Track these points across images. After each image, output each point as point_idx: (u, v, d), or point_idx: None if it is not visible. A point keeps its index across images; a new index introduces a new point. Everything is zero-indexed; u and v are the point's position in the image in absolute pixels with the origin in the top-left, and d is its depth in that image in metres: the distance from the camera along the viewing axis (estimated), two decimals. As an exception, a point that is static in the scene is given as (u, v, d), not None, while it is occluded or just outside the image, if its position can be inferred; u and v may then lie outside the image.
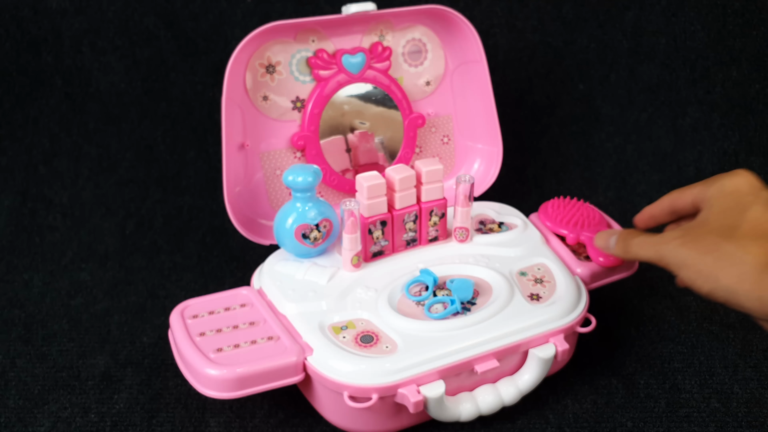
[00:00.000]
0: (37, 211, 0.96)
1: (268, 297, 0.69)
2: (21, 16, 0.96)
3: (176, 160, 1.00)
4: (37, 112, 0.99)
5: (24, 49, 0.97)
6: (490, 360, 0.63)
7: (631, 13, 1.02)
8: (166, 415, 0.67)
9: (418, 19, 0.80)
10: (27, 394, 0.70)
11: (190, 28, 0.97)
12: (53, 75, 0.98)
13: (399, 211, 0.72)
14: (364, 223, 0.71)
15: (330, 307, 0.67)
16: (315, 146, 0.78)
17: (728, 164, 1.01)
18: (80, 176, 0.99)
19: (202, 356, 0.61)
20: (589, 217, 0.77)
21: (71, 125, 0.99)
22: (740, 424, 0.67)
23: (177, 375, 0.70)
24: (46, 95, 0.98)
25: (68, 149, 0.99)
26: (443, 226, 0.75)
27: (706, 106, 1.04)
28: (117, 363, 0.73)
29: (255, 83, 0.75)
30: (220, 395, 0.60)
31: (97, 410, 0.68)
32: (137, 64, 0.98)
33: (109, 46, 0.97)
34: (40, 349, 0.75)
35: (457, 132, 0.86)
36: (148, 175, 0.99)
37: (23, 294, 0.84)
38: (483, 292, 0.69)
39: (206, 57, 0.98)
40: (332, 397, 0.62)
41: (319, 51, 0.76)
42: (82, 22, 0.96)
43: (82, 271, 0.87)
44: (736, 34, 1.02)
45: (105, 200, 0.97)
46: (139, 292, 0.84)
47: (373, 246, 0.72)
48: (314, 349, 0.62)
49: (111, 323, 0.79)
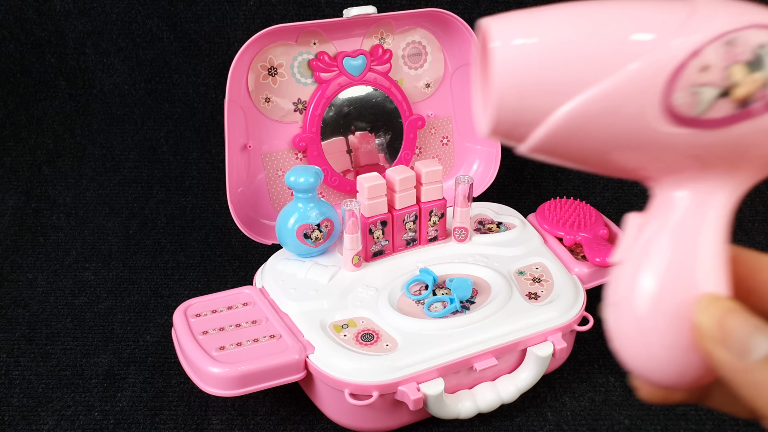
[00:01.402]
0: (41, 211, 0.96)
1: (270, 296, 0.70)
2: (25, 17, 0.96)
3: (179, 161, 1.00)
4: (41, 113, 0.99)
5: (28, 51, 0.97)
6: (489, 358, 0.64)
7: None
8: (169, 412, 0.68)
9: (417, 22, 0.80)
10: (31, 393, 0.70)
11: (192, 30, 0.98)
12: (57, 76, 0.98)
13: (399, 211, 0.73)
14: (365, 223, 0.72)
15: (331, 305, 0.67)
16: (316, 147, 0.78)
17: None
18: (84, 176, 0.99)
19: (204, 354, 0.62)
20: (586, 218, 0.78)
21: (75, 126, 0.99)
22: (737, 422, 0.67)
23: (180, 373, 0.70)
24: (49, 96, 0.98)
25: (72, 149, 0.99)
26: (443, 226, 0.76)
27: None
28: (120, 361, 0.74)
29: (257, 85, 0.75)
30: (223, 393, 0.60)
31: (101, 408, 0.68)
32: (140, 66, 0.98)
33: (112, 48, 0.97)
34: (44, 347, 0.76)
35: (456, 133, 0.86)
36: (151, 176, 0.99)
37: (27, 293, 0.84)
38: (482, 291, 0.70)
39: (209, 59, 0.99)
40: (333, 394, 0.62)
41: (321, 53, 0.77)
42: (85, 24, 0.97)
43: (86, 270, 0.87)
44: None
45: (108, 200, 0.97)
46: (142, 291, 0.84)
47: (373, 246, 0.73)
48: (315, 347, 0.63)
49: (114, 322, 0.79)
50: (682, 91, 0.26)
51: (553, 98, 0.27)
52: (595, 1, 0.28)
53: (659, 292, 0.28)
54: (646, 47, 0.26)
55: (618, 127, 0.26)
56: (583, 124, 0.27)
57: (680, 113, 0.26)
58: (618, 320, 0.29)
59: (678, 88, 0.26)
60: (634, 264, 0.28)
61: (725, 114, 0.26)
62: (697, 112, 0.26)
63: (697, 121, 0.26)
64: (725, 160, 0.27)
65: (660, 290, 0.28)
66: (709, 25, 0.26)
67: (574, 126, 0.27)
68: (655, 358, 0.28)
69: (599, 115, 0.26)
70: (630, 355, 0.29)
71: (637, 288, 0.28)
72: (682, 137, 0.27)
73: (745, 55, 0.26)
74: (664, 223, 0.28)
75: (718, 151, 0.27)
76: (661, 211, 0.29)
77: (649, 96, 0.26)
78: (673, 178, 0.28)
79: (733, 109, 0.26)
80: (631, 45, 0.26)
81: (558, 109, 0.27)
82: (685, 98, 0.26)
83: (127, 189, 0.98)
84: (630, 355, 0.29)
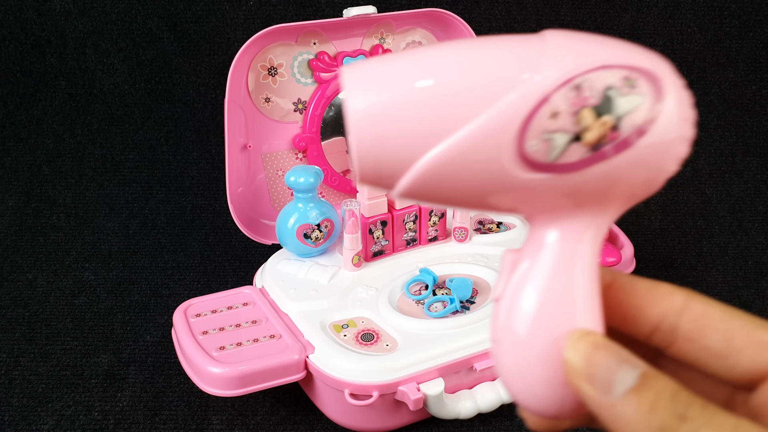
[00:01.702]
0: (41, 211, 0.96)
1: (270, 296, 0.70)
2: (25, 17, 0.96)
3: (179, 161, 1.00)
4: (41, 113, 0.99)
5: (28, 51, 0.97)
6: (489, 358, 0.64)
7: (629, 15, 1.03)
8: (169, 412, 0.68)
9: (418, 22, 0.80)
10: (31, 393, 0.70)
11: (192, 30, 0.97)
12: (57, 76, 0.98)
13: (399, 211, 0.73)
14: (365, 223, 0.72)
15: (331, 305, 0.67)
16: (316, 147, 0.78)
17: (725, 165, 1.02)
18: (84, 176, 0.99)
19: (204, 354, 0.62)
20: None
21: (75, 126, 0.99)
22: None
23: (180, 373, 0.70)
24: (50, 96, 0.98)
25: (72, 150, 0.99)
26: (443, 226, 0.76)
27: (703, 107, 1.04)
28: (120, 361, 0.74)
29: (257, 85, 0.75)
30: (223, 393, 0.60)
31: (101, 408, 0.68)
32: (141, 66, 0.98)
33: (112, 48, 0.97)
34: (44, 347, 0.75)
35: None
36: (151, 176, 0.99)
37: (27, 293, 0.84)
38: (482, 291, 0.70)
39: (209, 59, 0.99)
40: (333, 394, 0.62)
41: (321, 53, 0.77)
42: (85, 24, 0.97)
43: (86, 270, 0.87)
44: (732, 35, 1.02)
45: (109, 200, 0.97)
46: (142, 291, 0.84)
47: (373, 246, 0.73)
48: (315, 347, 0.63)
49: (114, 322, 0.79)
50: (534, 139, 0.26)
51: (410, 150, 0.27)
52: (450, 46, 0.28)
53: (531, 330, 0.28)
54: (497, 95, 0.26)
55: (479, 174, 0.27)
56: (444, 173, 0.27)
57: (534, 160, 0.26)
58: (499, 356, 0.29)
59: (530, 137, 0.26)
60: (508, 302, 0.29)
61: (579, 158, 0.26)
62: (551, 159, 0.26)
63: (552, 166, 0.26)
64: (590, 198, 0.28)
65: (532, 328, 0.28)
66: (557, 70, 0.26)
67: (436, 175, 0.27)
68: (535, 392, 0.28)
69: (458, 164, 0.26)
70: (513, 389, 0.29)
71: (512, 326, 0.28)
72: (541, 182, 0.27)
73: (593, 99, 0.26)
74: (536, 260, 0.29)
75: (580, 191, 0.27)
76: (534, 248, 0.29)
77: (503, 145, 0.26)
78: (547, 217, 0.28)
79: (586, 153, 0.26)
80: (483, 94, 0.26)
81: (418, 159, 0.27)
82: (538, 145, 0.26)
83: (127, 189, 0.98)
84: (513, 389, 0.29)
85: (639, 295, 0.29)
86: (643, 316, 0.29)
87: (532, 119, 0.26)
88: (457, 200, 0.28)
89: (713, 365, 0.28)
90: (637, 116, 0.26)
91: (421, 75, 0.27)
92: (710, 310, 0.28)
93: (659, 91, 0.26)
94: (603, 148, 0.26)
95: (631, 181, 0.27)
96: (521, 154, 0.26)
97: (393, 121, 0.26)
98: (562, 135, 0.26)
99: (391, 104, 0.26)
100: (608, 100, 0.26)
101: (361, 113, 0.26)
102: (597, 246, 0.29)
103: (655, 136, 0.26)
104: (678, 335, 0.28)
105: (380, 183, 0.28)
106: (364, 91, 0.27)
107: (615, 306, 0.30)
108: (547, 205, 0.28)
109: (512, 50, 0.27)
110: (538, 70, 0.26)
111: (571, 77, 0.26)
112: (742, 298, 0.82)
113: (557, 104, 0.26)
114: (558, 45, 0.27)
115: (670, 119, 0.26)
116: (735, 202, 0.97)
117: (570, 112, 0.26)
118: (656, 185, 0.28)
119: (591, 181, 0.27)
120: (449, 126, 0.26)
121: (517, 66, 0.26)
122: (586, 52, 0.27)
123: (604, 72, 0.26)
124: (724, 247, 0.90)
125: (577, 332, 0.27)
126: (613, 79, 0.26)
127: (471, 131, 0.26)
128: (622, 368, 0.25)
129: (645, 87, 0.26)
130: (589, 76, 0.26)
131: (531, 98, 0.26)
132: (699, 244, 0.91)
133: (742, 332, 0.27)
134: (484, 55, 0.27)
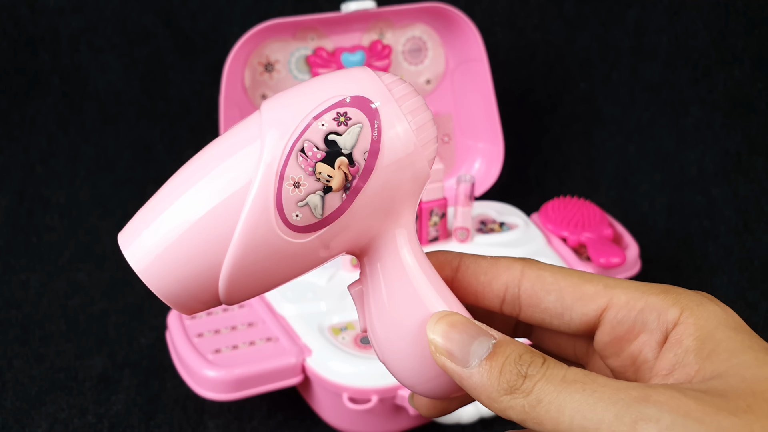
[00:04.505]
0: (34, 211, 0.95)
1: (266, 298, 0.69)
2: (18, 14, 0.96)
3: (174, 160, 0.99)
4: (35, 112, 0.98)
5: (21, 48, 0.96)
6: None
7: (633, 11, 1.02)
8: (164, 416, 0.67)
9: (418, 17, 0.80)
10: (24, 396, 0.69)
11: (188, 27, 0.97)
12: (50, 74, 0.98)
13: (399, 210, 0.72)
14: (364, 223, 0.71)
15: (329, 307, 0.67)
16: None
17: (731, 163, 1.01)
18: (78, 176, 0.98)
19: (200, 357, 0.61)
20: (591, 218, 0.77)
21: (68, 125, 0.99)
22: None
23: (175, 376, 0.70)
24: (43, 94, 0.98)
25: (65, 149, 0.99)
26: (443, 226, 0.75)
27: (709, 106, 1.03)
28: (115, 364, 0.73)
29: (253, 82, 0.74)
30: (219, 397, 0.60)
31: (95, 412, 0.68)
32: (135, 63, 0.98)
33: (106, 45, 0.97)
34: (38, 350, 0.75)
35: (457, 131, 0.85)
36: (145, 175, 0.99)
37: (20, 295, 0.83)
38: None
39: (204, 55, 0.98)
40: (331, 398, 0.62)
41: (318, 49, 0.76)
42: (79, 21, 0.96)
43: (80, 271, 0.87)
44: (738, 33, 1.02)
45: (102, 200, 0.97)
46: (136, 293, 0.83)
47: (373, 246, 0.72)
48: (313, 350, 0.62)
49: (108, 324, 0.79)
50: (293, 212, 0.28)
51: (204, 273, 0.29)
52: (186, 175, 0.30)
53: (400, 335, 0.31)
54: (243, 196, 0.28)
55: (274, 257, 0.29)
56: (246, 274, 0.29)
57: (308, 224, 0.28)
58: (389, 363, 0.32)
59: (289, 212, 0.28)
60: (372, 327, 0.31)
61: (341, 202, 0.28)
62: (319, 216, 0.28)
63: (325, 220, 0.29)
64: (379, 217, 0.30)
65: (400, 333, 0.31)
66: (277, 146, 0.28)
67: (242, 275, 0.29)
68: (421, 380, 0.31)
69: (252, 264, 0.29)
70: (406, 384, 0.32)
71: (388, 340, 0.31)
72: (329, 233, 0.29)
73: (320, 152, 0.28)
74: (373, 281, 0.31)
75: (366, 219, 0.29)
76: (367, 271, 0.31)
77: (274, 230, 0.28)
78: (361, 246, 0.30)
79: (343, 195, 0.28)
80: (232, 203, 0.28)
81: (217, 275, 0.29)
82: (300, 213, 0.28)
83: (121, 189, 0.98)
84: (406, 384, 0.32)
85: (483, 272, 0.32)
86: (491, 291, 0.32)
87: (281, 199, 0.28)
88: (281, 278, 0.30)
89: (555, 324, 0.31)
90: (364, 143, 0.28)
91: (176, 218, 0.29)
92: (543, 274, 0.31)
93: (370, 109, 0.28)
94: (353, 184, 0.28)
95: (401, 186, 0.29)
96: (293, 227, 0.28)
97: (176, 262, 0.29)
98: (314, 195, 0.28)
99: (166, 252, 0.29)
100: (333, 145, 0.28)
101: (148, 271, 0.29)
102: (414, 240, 0.31)
103: (390, 146, 0.28)
104: (521, 302, 0.31)
105: (208, 304, 0.30)
106: (141, 253, 0.29)
107: (466, 286, 0.32)
108: (352, 240, 0.30)
109: (236, 146, 0.29)
110: (262, 155, 0.28)
111: (292, 145, 0.28)
112: (749, 299, 0.82)
113: (293, 174, 0.28)
114: (270, 118, 0.29)
115: (394, 121, 0.28)
116: (741, 202, 0.97)
117: (308, 174, 0.28)
118: (425, 174, 0.30)
119: (366, 207, 0.29)
120: (222, 240, 0.28)
121: (247, 161, 0.28)
122: (294, 111, 0.28)
123: (316, 122, 0.28)
124: (729, 247, 0.90)
125: (437, 315, 0.30)
126: (326, 125, 0.28)
127: (241, 233, 0.28)
128: (477, 341, 0.28)
129: (357, 114, 0.28)
130: (305, 135, 0.28)
131: (269, 184, 0.28)
132: (705, 244, 0.91)
133: (571, 289, 0.30)
134: (216, 171, 0.29)
